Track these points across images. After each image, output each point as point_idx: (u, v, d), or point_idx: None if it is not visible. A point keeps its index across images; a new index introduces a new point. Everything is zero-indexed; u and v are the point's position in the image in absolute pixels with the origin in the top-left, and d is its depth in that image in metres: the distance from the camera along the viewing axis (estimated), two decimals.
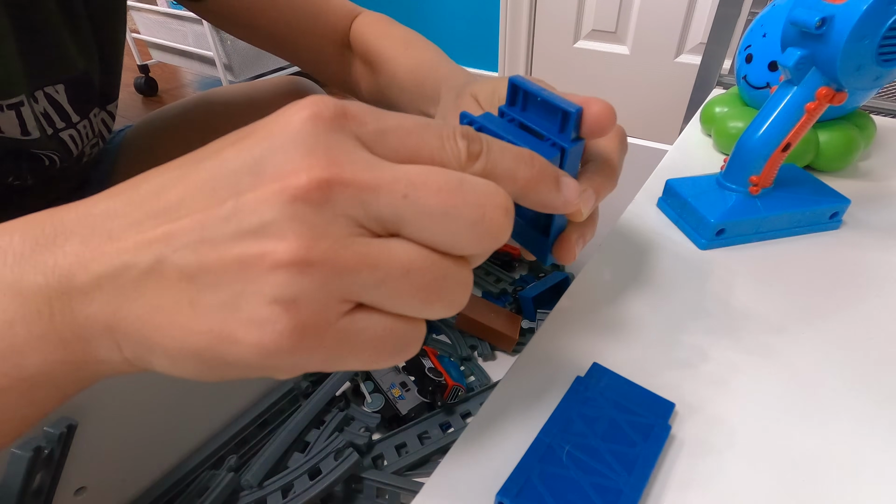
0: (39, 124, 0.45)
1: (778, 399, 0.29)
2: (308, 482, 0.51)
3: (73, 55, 0.46)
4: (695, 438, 0.27)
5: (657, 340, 0.33)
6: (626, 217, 0.45)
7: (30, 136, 0.44)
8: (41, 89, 0.44)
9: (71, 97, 0.47)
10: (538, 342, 0.33)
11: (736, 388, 0.30)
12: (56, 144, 0.47)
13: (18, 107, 0.42)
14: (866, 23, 0.32)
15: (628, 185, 0.54)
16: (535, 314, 0.73)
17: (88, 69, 0.48)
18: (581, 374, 0.30)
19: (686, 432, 0.27)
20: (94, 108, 0.50)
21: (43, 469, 0.38)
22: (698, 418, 0.28)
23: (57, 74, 0.45)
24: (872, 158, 0.54)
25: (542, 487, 0.23)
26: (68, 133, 0.48)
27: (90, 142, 0.51)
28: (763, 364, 0.31)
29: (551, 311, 0.35)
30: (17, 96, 0.42)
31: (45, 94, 0.45)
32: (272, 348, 0.15)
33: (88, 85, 0.49)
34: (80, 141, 0.50)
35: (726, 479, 0.25)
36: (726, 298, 0.36)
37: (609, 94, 1.56)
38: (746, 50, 0.54)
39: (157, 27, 1.95)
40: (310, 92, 0.62)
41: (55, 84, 0.45)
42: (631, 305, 0.36)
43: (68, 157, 0.49)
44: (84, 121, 0.49)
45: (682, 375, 0.31)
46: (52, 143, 0.47)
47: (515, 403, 0.29)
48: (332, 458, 0.52)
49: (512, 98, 0.24)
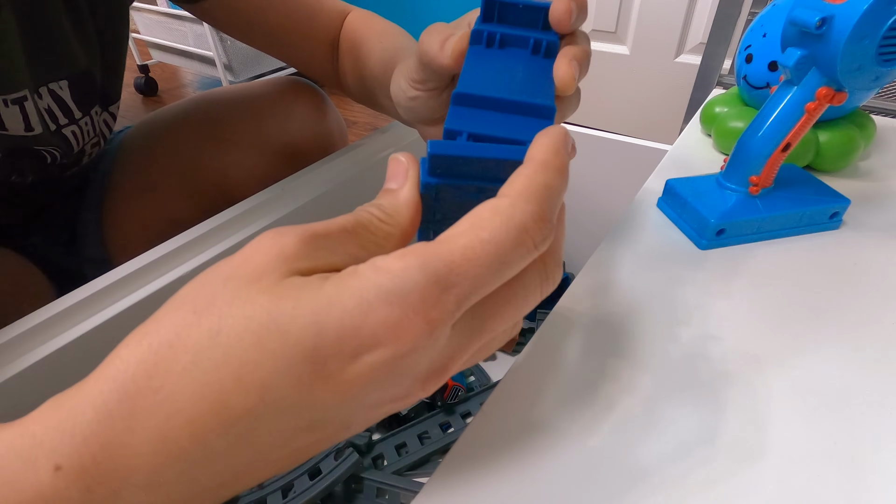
0: (42, 120, 0.45)
1: (777, 398, 0.29)
2: (308, 482, 0.51)
3: (77, 52, 0.46)
4: (695, 438, 0.27)
5: (657, 340, 0.33)
6: (626, 217, 0.45)
7: (32, 132, 0.44)
8: (45, 85, 0.44)
9: (74, 94, 0.47)
10: (538, 342, 0.33)
11: (736, 387, 0.30)
12: (58, 141, 0.47)
13: (22, 101, 0.42)
14: (866, 23, 0.32)
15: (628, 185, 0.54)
16: (535, 314, 0.73)
17: (91, 66, 0.48)
18: (581, 373, 0.30)
19: (688, 431, 0.27)
20: (95, 105, 0.50)
21: None
22: (698, 416, 0.28)
23: (61, 71, 0.45)
24: (872, 158, 0.54)
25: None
26: (70, 129, 0.48)
27: (91, 140, 0.52)
28: (763, 363, 0.31)
29: (551, 311, 0.35)
30: (21, 91, 0.42)
31: (49, 91, 0.45)
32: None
33: (91, 82, 0.49)
34: (81, 138, 0.50)
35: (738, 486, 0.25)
36: (726, 298, 0.36)
37: (609, 94, 1.56)
38: (746, 50, 0.54)
39: (157, 27, 1.95)
40: (308, 92, 0.62)
41: (59, 80, 0.45)
42: (631, 305, 0.36)
43: (69, 153, 0.49)
44: (86, 117, 0.49)
45: (682, 375, 0.31)
46: (54, 139, 0.47)
47: (515, 403, 0.29)
48: (332, 458, 0.52)
49: (487, 14, 0.27)
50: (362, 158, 0.62)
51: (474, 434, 0.28)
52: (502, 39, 0.27)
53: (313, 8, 0.53)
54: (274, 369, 0.15)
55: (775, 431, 0.27)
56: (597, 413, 0.29)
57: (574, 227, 0.79)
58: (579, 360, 0.32)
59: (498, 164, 0.20)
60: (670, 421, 0.28)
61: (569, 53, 0.26)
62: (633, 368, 0.31)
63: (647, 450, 0.27)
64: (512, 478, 0.26)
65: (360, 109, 1.82)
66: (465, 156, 0.20)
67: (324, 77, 0.57)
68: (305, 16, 0.53)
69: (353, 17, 0.54)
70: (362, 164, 0.61)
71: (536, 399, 0.29)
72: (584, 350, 0.32)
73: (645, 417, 0.28)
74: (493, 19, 0.27)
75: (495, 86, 0.24)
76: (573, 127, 0.69)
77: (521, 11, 0.26)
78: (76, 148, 0.50)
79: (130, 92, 2.06)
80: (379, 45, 0.48)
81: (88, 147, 0.52)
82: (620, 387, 0.30)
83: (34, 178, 0.48)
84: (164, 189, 0.59)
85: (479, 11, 0.27)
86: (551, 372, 0.31)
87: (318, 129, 0.62)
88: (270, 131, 0.60)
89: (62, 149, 0.48)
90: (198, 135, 0.60)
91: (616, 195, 0.70)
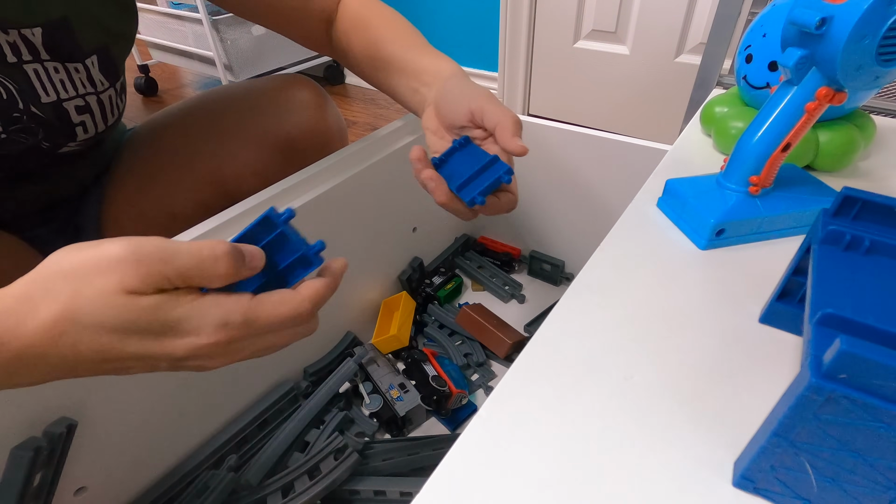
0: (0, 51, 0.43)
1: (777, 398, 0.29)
2: (308, 482, 0.51)
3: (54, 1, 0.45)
4: (695, 438, 0.27)
5: (657, 340, 0.33)
6: (626, 217, 0.45)
7: None
8: (18, 29, 0.43)
9: (46, 41, 0.45)
10: (538, 342, 0.33)
11: (735, 387, 0.30)
12: (15, 75, 0.44)
13: None
14: (866, 23, 0.32)
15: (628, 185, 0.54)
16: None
17: (69, 16, 0.46)
18: (580, 374, 0.29)
19: (688, 430, 0.27)
20: (78, 62, 0.49)
21: (43, 469, 0.38)
22: (699, 415, 0.28)
23: (38, 18, 0.44)
24: (872, 158, 0.54)
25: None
26: (32, 67, 0.45)
27: (70, 96, 0.49)
28: (763, 363, 0.31)
29: (551, 311, 0.35)
30: None
31: (21, 35, 0.43)
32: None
33: (68, 33, 0.47)
34: (46, 80, 0.47)
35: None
36: (726, 298, 0.36)
37: (609, 94, 1.56)
38: (746, 50, 0.54)
39: (157, 27, 1.95)
40: (307, 88, 0.63)
41: (33, 27, 0.44)
42: (631, 305, 0.36)
43: (30, 93, 0.46)
44: (56, 63, 0.47)
45: (682, 375, 0.31)
46: (7, 69, 0.44)
47: (516, 403, 0.29)
48: (332, 458, 0.52)
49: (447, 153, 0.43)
50: (362, 158, 0.62)
51: (474, 434, 0.28)
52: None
53: None
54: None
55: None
56: (596, 413, 0.29)
57: (574, 227, 0.79)
58: (578, 360, 0.32)
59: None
60: (670, 421, 0.28)
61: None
62: (633, 368, 0.31)
63: (648, 449, 0.27)
64: (511, 478, 0.26)
65: (360, 109, 1.82)
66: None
67: (320, 50, 0.60)
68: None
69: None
70: (362, 164, 0.61)
71: (536, 399, 0.29)
72: (583, 350, 0.32)
73: (645, 417, 0.28)
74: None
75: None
76: (573, 127, 0.69)
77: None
78: (41, 94, 0.46)
79: (131, 92, 2.06)
80: (392, 34, 0.53)
81: (73, 111, 0.49)
82: (620, 386, 0.30)
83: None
84: (164, 182, 0.60)
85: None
86: (550, 372, 0.31)
87: (316, 124, 0.62)
88: (269, 126, 0.60)
89: (19, 85, 0.45)
90: (198, 130, 0.61)
91: (616, 195, 0.70)
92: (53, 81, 0.47)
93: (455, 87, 0.45)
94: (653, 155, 0.62)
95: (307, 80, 0.64)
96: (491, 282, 0.83)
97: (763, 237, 0.41)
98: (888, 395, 0.16)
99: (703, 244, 0.40)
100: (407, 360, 0.68)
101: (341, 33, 0.56)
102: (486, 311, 0.74)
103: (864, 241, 0.23)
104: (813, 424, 0.18)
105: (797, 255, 0.30)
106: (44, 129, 0.48)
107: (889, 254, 0.23)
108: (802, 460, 0.19)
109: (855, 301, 0.21)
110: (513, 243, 0.88)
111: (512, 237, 0.88)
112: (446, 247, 0.88)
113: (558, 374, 0.31)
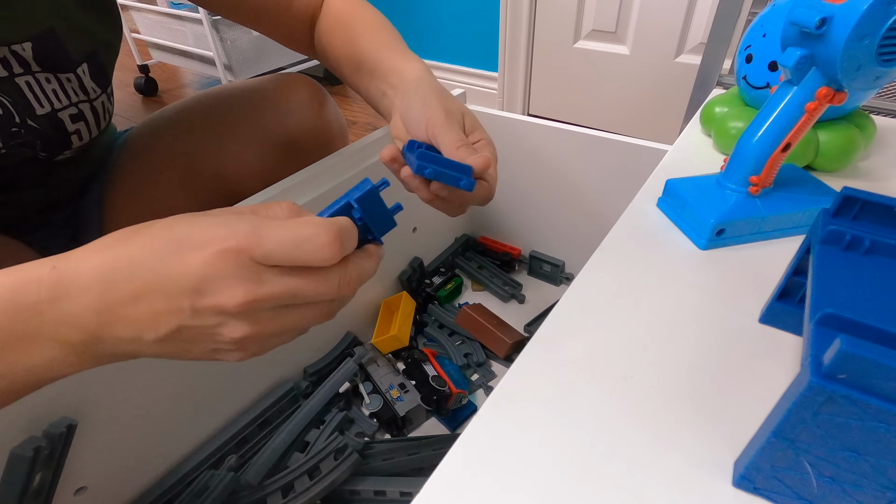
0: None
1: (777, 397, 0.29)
2: (308, 482, 0.51)
3: (40, 13, 0.45)
4: (695, 437, 0.27)
5: (657, 339, 0.33)
6: (626, 217, 0.45)
7: None
8: (7, 46, 0.43)
9: (37, 54, 0.45)
10: (538, 342, 0.33)
11: (735, 386, 0.30)
12: (8, 88, 0.45)
13: None
14: (866, 23, 0.32)
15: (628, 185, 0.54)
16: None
17: (55, 26, 0.46)
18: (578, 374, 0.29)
19: (687, 430, 0.27)
20: (69, 72, 0.49)
21: (43, 469, 0.38)
22: (699, 414, 0.28)
23: (25, 32, 0.44)
24: (872, 158, 0.54)
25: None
26: (25, 79, 0.46)
27: (64, 105, 0.49)
28: (763, 363, 0.31)
29: (551, 311, 0.35)
30: None
31: (11, 51, 0.44)
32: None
33: (56, 44, 0.47)
34: (40, 92, 0.47)
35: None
36: (726, 298, 0.36)
37: (609, 94, 1.56)
38: (746, 50, 0.54)
39: (157, 27, 1.95)
40: (307, 87, 0.63)
41: (22, 42, 0.44)
42: (631, 305, 0.36)
43: (24, 105, 0.46)
44: (48, 74, 0.47)
45: (682, 374, 0.31)
46: (4, 86, 0.44)
47: (516, 403, 0.29)
48: (332, 458, 0.52)
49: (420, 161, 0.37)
50: (363, 158, 0.62)
51: (474, 434, 0.28)
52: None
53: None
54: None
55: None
56: (596, 413, 0.29)
57: (574, 227, 0.79)
58: (578, 360, 0.32)
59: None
60: (670, 420, 0.28)
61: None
62: (633, 368, 0.31)
63: (648, 449, 0.27)
64: (511, 478, 0.26)
65: (360, 109, 1.82)
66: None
67: (304, 51, 0.59)
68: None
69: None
70: (363, 163, 0.61)
71: (536, 399, 0.29)
72: (583, 350, 0.32)
73: (645, 417, 0.28)
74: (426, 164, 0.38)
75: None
76: (573, 127, 0.69)
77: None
78: (35, 106, 0.47)
79: (130, 92, 2.06)
80: (374, 37, 0.52)
81: (67, 120, 0.49)
82: (620, 386, 0.30)
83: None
84: (164, 183, 0.59)
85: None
86: (550, 372, 0.31)
87: (316, 123, 0.62)
88: (269, 125, 0.60)
89: (13, 99, 0.45)
90: (198, 129, 0.61)
91: (616, 195, 0.70)
92: (46, 92, 0.47)
93: (417, 103, 0.43)
94: (653, 155, 0.62)
95: (307, 80, 0.64)
96: (491, 282, 0.83)
97: (763, 237, 0.41)
98: (888, 395, 0.16)
99: (703, 244, 0.40)
100: (407, 360, 0.68)
101: (322, 33, 0.56)
102: (486, 311, 0.74)
103: (865, 242, 0.24)
104: (813, 424, 0.18)
105: (797, 255, 0.30)
106: (41, 140, 0.48)
107: (889, 254, 0.24)
108: (802, 460, 0.20)
109: (855, 301, 0.21)
110: (513, 243, 0.88)
111: (512, 237, 0.88)
112: (446, 247, 0.88)
113: (558, 374, 0.31)
